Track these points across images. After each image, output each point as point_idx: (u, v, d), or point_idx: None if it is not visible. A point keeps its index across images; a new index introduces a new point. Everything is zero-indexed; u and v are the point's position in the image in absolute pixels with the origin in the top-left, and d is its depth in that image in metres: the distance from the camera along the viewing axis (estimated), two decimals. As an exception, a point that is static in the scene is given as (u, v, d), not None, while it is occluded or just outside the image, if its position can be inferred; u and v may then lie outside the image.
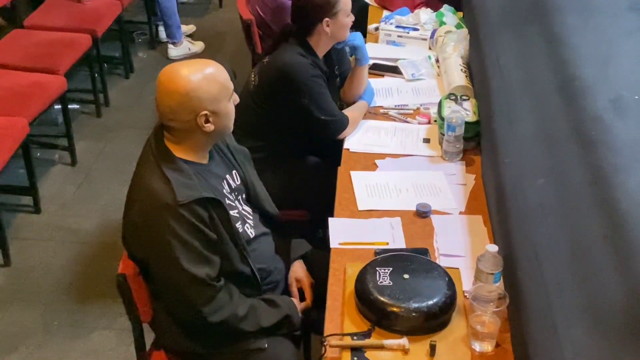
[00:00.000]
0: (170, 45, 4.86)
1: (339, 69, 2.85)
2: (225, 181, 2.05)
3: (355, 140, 2.66)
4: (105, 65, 4.48)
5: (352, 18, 2.67)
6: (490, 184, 2.25)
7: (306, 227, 2.70)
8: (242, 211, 2.10)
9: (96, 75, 4.24)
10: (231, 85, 1.94)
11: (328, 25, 2.60)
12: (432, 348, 1.76)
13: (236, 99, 1.97)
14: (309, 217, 2.76)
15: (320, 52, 2.67)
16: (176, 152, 1.92)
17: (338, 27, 2.62)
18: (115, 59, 4.74)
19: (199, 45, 4.99)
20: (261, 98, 2.63)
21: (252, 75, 2.70)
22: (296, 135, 2.69)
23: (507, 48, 2.62)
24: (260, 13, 3.50)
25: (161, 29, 5.00)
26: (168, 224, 1.84)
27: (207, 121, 1.89)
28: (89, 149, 3.99)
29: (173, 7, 4.77)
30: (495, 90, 2.43)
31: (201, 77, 1.86)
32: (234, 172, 2.11)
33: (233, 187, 2.08)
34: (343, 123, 2.64)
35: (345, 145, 2.63)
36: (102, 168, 3.86)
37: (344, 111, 2.70)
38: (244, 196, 2.14)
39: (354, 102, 2.79)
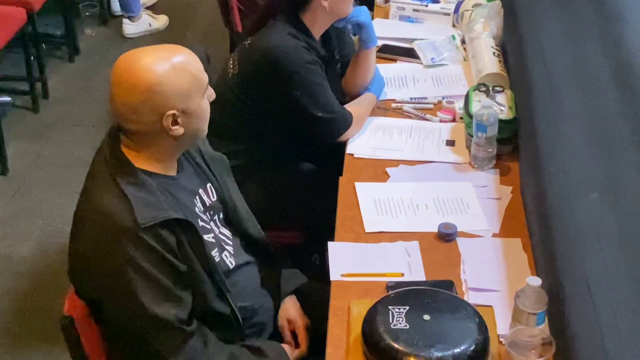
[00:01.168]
0: (125, 20, 4.89)
1: (340, 53, 2.87)
2: (198, 197, 2.07)
3: (361, 142, 2.67)
4: (44, 45, 4.49)
5: None
6: (531, 199, 2.27)
7: (300, 253, 2.71)
8: (219, 235, 2.11)
9: (32, 58, 4.25)
10: (205, 77, 1.95)
11: None
12: (460, 407, 1.77)
13: (211, 94, 1.99)
14: (302, 240, 2.77)
15: (317, 32, 2.68)
16: (136, 161, 1.93)
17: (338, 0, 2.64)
18: (57, 38, 4.77)
19: (162, 20, 5.02)
20: (241, 90, 2.64)
21: (231, 62, 2.71)
22: (285, 137, 2.70)
23: (551, 26, 2.64)
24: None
25: (114, -1, 5.03)
26: (126, 253, 1.85)
27: (175, 123, 1.90)
28: (22, 153, 4.00)
29: (130, -29, 4.80)
30: (537, 80, 2.45)
31: (168, 68, 1.87)
32: (208, 185, 2.12)
33: (208, 204, 2.10)
34: (345, 121, 2.66)
35: (349, 150, 2.65)
36: (40, 177, 3.87)
37: (346, 106, 2.72)
38: (221, 216, 2.15)
39: (358, 94, 2.81)
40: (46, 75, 4.39)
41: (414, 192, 2.44)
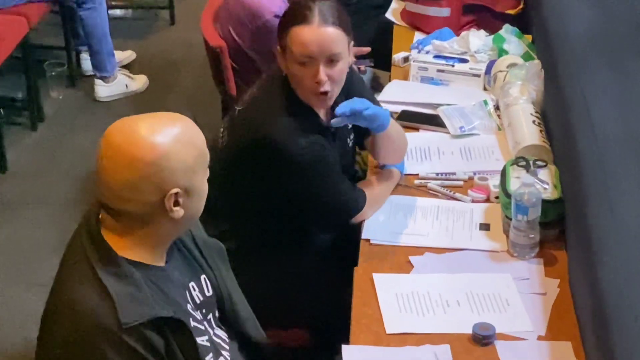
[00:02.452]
0: (98, 81, 4.95)
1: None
2: (188, 292, 2.07)
3: (379, 226, 2.68)
4: (2, 111, 4.54)
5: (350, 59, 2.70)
6: (584, 295, 2.26)
7: (306, 357, 2.70)
8: (214, 338, 2.10)
9: (-12, 126, 4.31)
10: (207, 152, 1.99)
11: None
12: None
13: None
14: (310, 342, 2.76)
15: None
16: (119, 249, 1.93)
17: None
18: (17, 102, 4.81)
19: (140, 81, 5.08)
20: (232, 164, 2.67)
21: (221, 130, 2.74)
22: (286, 218, 2.71)
23: (600, 90, 2.67)
24: (235, 37, 3.58)
25: (85, 56, 5.10)
26: (104, 357, 1.84)
27: (176, 203, 1.92)
28: (-25, 237, 4.01)
29: (103, 25, 4.88)
30: (585, 154, 2.47)
31: (173, 139, 1.90)
32: (202, 277, 2.13)
33: (200, 300, 2.09)
34: (356, 204, 2.68)
35: (364, 234, 2.65)
36: (-4, 266, 3.87)
37: (361, 183, 2.73)
38: (216, 314, 2.15)
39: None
40: (4, 146, 4.42)
41: (443, 285, 2.44)
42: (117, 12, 5.74)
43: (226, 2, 3.63)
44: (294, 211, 2.69)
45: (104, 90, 4.95)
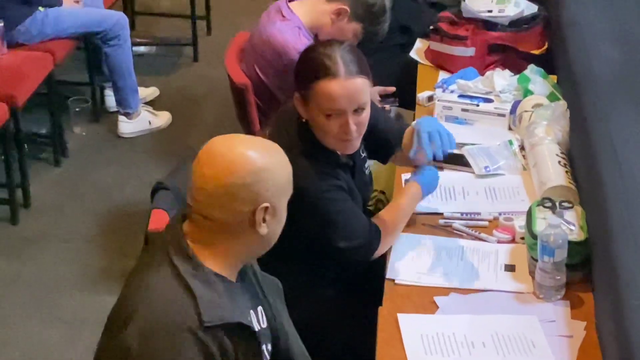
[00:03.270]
0: (122, 118, 4.98)
1: (369, 147, 2.90)
2: (249, 317, 2.10)
3: (403, 266, 2.68)
4: (26, 146, 4.57)
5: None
6: (611, 339, 2.25)
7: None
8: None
9: (12, 160, 4.32)
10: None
11: None
12: None
13: None
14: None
15: None
16: (203, 258, 2.00)
17: None
18: (41, 138, 4.84)
19: (163, 118, 5.11)
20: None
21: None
22: (303, 256, 2.72)
23: (626, 130, 2.68)
24: (260, 74, 3.60)
25: (109, 92, 5.13)
26: (180, 353, 1.89)
27: (263, 219, 1.99)
28: (-3, 272, 4.03)
29: (128, 61, 4.92)
30: (612, 195, 2.46)
31: (272, 157, 2.00)
32: (259, 309, 2.16)
33: (257, 330, 2.12)
34: (370, 246, 2.68)
35: (389, 274, 2.65)
36: (18, 302, 3.88)
37: (376, 218, 2.73)
38: (269, 347, 2.17)
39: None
40: (28, 181, 4.45)
41: (468, 326, 2.43)
42: (141, 48, 5.77)
43: (251, 39, 3.65)
44: (311, 252, 2.70)
45: (127, 126, 4.98)
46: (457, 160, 3.16)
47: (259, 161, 1.96)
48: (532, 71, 3.47)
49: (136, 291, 1.99)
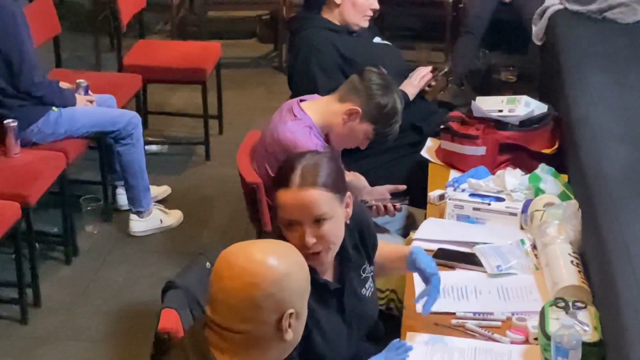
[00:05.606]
0: (133, 216, 5.00)
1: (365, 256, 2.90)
2: None
3: (417, 367, 2.67)
4: (37, 245, 4.58)
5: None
6: None
7: None
8: None
9: (23, 259, 4.33)
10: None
11: None
12: None
13: None
14: None
15: None
16: None
17: None
18: (52, 236, 4.86)
19: (175, 216, 5.12)
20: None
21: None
22: None
23: (639, 230, 2.68)
24: (271, 173, 3.63)
25: (121, 191, 5.16)
26: None
27: (289, 324, 1.98)
28: (6, 373, 4.01)
29: (140, 160, 4.95)
30: (627, 296, 2.46)
31: (290, 262, 2.00)
32: None
33: None
34: None
35: (402, 375, 2.64)
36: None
37: None
38: None
39: None
40: (38, 280, 4.44)
41: None
42: (154, 147, 5.82)
43: (262, 138, 3.69)
44: None
45: (138, 225, 4.99)
46: (469, 260, 3.16)
47: (280, 268, 1.96)
48: (543, 170, 3.49)
49: None
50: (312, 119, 3.52)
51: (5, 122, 4.46)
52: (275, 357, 2.05)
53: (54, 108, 4.62)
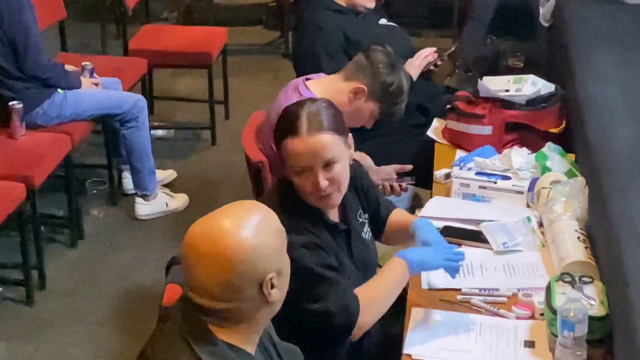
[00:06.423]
0: (139, 200, 5.00)
1: (366, 209, 2.95)
2: None
3: (420, 341, 2.66)
4: (43, 228, 4.59)
5: None
6: (633, 413, 2.22)
7: None
8: None
9: (28, 242, 4.33)
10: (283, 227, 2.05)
11: None
12: None
13: None
14: None
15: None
16: (218, 332, 1.97)
17: None
18: (58, 219, 4.87)
19: (180, 200, 5.13)
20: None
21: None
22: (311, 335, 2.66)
23: (647, 206, 2.67)
24: (276, 151, 3.62)
25: (127, 175, 5.17)
26: None
27: (272, 286, 1.97)
28: (12, 355, 4.00)
29: (146, 144, 4.96)
30: (634, 271, 2.45)
31: (256, 230, 1.94)
32: None
33: None
34: (347, 315, 2.59)
35: (406, 349, 2.63)
36: (32, 385, 3.86)
37: (358, 289, 2.66)
38: None
39: None
40: (44, 263, 4.45)
41: (488, 403, 2.41)
42: (159, 132, 5.82)
43: (268, 118, 3.68)
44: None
45: (144, 208, 5.00)
46: (475, 237, 3.16)
47: (246, 245, 1.92)
48: (549, 149, 3.48)
49: None
50: (318, 97, 3.51)
51: (10, 104, 4.47)
52: (268, 316, 2.05)
53: (59, 90, 4.62)
